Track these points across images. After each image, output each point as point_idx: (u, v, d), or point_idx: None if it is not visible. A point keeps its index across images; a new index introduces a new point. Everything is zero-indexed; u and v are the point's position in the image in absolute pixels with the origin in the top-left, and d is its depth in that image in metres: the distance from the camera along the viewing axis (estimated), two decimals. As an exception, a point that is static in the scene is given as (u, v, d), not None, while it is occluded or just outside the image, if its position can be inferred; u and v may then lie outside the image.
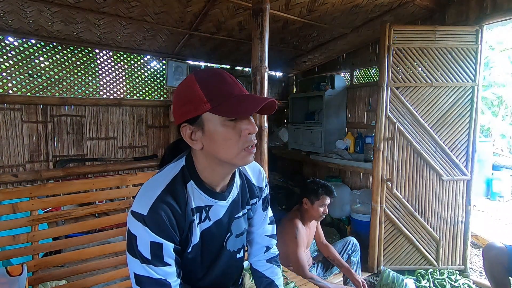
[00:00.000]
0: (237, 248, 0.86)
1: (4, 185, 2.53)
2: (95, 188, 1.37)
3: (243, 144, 0.68)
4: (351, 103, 3.61)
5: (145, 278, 0.67)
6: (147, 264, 0.67)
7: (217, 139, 0.67)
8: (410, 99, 2.34)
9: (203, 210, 0.76)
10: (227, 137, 0.67)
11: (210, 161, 0.72)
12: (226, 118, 0.66)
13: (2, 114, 2.54)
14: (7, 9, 2.09)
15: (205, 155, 0.72)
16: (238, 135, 0.68)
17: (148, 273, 0.67)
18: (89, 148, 3.01)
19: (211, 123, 0.67)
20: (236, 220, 0.83)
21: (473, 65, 2.31)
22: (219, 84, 0.68)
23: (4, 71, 2.53)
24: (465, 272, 2.42)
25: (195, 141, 0.70)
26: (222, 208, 0.80)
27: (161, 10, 2.30)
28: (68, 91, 2.86)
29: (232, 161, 0.70)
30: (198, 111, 0.67)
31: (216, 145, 0.68)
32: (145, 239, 0.66)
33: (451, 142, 2.37)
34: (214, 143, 0.68)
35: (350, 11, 2.51)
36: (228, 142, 0.67)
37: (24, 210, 1.18)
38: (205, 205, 0.76)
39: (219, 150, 0.68)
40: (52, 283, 1.65)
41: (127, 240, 0.69)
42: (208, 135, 0.68)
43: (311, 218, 1.95)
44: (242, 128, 0.68)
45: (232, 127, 0.67)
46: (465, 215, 2.41)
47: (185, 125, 0.70)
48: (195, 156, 0.75)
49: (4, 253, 1.19)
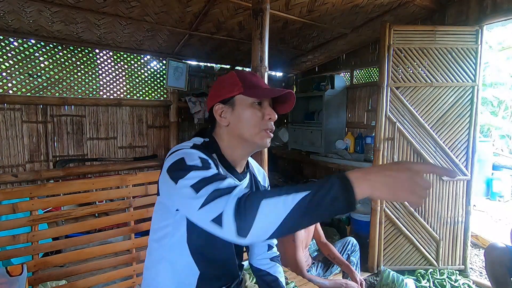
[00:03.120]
0: None
1: (4, 185, 2.53)
2: (95, 188, 1.37)
3: (264, 125, 0.80)
4: (351, 103, 3.61)
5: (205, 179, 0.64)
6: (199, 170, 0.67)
7: (244, 117, 0.80)
8: (410, 99, 2.34)
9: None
10: (252, 116, 0.79)
11: (232, 139, 0.82)
12: (254, 101, 0.80)
13: (2, 114, 2.54)
14: (7, 9, 2.09)
15: (229, 133, 0.82)
16: (261, 117, 0.80)
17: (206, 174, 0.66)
18: (89, 148, 3.01)
19: (242, 104, 0.80)
20: None
21: (473, 65, 2.31)
22: (252, 77, 0.84)
23: (4, 71, 2.53)
24: (465, 272, 2.42)
25: (224, 118, 0.82)
26: None
27: (161, 10, 2.30)
28: (68, 91, 2.86)
29: (253, 139, 0.80)
30: (233, 93, 0.81)
31: (242, 123, 0.80)
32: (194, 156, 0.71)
33: (451, 142, 2.37)
34: (240, 121, 0.80)
35: (350, 11, 2.51)
36: (253, 121, 0.79)
37: (24, 210, 1.18)
38: None
39: (243, 127, 0.80)
40: (52, 283, 1.65)
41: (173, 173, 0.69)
42: (236, 114, 0.80)
43: None
44: (265, 112, 0.81)
45: (258, 109, 0.80)
46: (465, 215, 2.41)
47: (218, 104, 0.82)
48: (219, 135, 0.84)
49: (4, 253, 1.19)
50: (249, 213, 0.56)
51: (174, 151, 0.75)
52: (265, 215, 0.56)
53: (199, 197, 0.61)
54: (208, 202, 0.60)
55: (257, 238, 0.57)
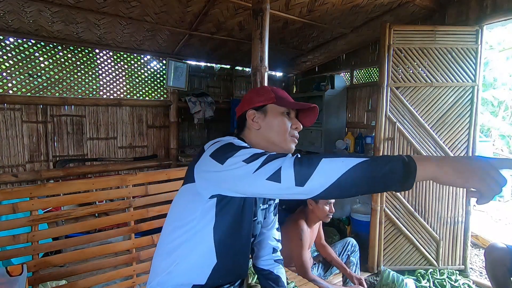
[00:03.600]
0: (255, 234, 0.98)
1: (4, 185, 2.53)
2: (95, 188, 1.37)
3: (291, 133, 0.91)
4: (351, 103, 3.61)
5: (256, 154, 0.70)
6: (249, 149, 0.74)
7: (275, 124, 0.90)
8: (410, 99, 2.34)
9: None
10: (282, 124, 0.90)
11: (260, 142, 0.91)
12: (284, 110, 0.91)
13: (2, 114, 2.54)
14: (7, 9, 2.09)
15: (258, 137, 0.92)
16: (289, 124, 0.91)
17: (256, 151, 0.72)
18: (89, 148, 3.01)
19: (273, 112, 0.91)
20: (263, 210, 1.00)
21: (473, 65, 2.31)
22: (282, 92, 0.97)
23: (4, 71, 2.53)
24: (465, 272, 2.42)
25: (256, 123, 0.91)
26: None
27: (161, 10, 2.30)
28: (68, 91, 2.86)
29: (280, 144, 0.90)
30: (267, 101, 0.92)
31: (272, 129, 0.90)
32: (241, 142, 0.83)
33: (451, 142, 2.37)
34: (271, 127, 0.90)
35: (350, 11, 2.51)
36: (282, 128, 0.90)
37: (24, 210, 1.18)
38: None
39: (273, 133, 0.90)
40: (52, 283, 1.65)
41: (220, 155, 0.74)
42: (268, 120, 0.91)
43: (317, 218, 1.92)
44: (293, 122, 0.92)
45: (287, 118, 0.91)
46: (465, 215, 2.41)
47: (251, 110, 0.92)
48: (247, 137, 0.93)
49: (4, 253, 1.19)
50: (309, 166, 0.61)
51: (216, 141, 0.81)
52: (323, 170, 0.60)
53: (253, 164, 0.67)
54: (263, 164, 0.66)
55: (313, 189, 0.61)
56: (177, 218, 0.86)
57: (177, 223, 0.85)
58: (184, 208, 0.85)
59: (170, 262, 0.84)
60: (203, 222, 0.81)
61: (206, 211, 0.81)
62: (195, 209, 0.82)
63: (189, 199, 0.84)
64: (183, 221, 0.84)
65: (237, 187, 0.72)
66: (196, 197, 0.81)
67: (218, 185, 0.76)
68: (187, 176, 0.85)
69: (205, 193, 0.79)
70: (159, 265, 0.88)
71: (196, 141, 3.78)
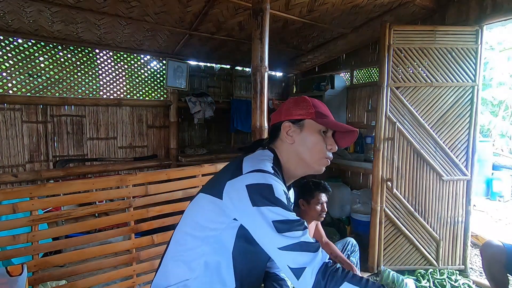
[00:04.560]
0: None
1: (4, 185, 2.53)
2: (95, 188, 1.37)
3: (325, 153, 0.87)
4: (351, 103, 3.61)
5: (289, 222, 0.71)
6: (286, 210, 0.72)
7: (309, 141, 0.87)
8: (410, 99, 2.34)
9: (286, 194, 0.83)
10: (318, 142, 0.86)
11: (292, 157, 0.88)
12: (322, 128, 0.87)
13: (2, 114, 2.54)
14: (7, 9, 2.09)
15: (290, 151, 0.88)
16: (324, 145, 0.87)
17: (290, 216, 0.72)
18: (89, 148, 3.01)
19: (310, 128, 0.87)
20: None
21: (473, 65, 2.31)
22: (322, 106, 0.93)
23: (4, 71, 2.53)
24: (465, 272, 2.41)
25: (290, 136, 0.88)
26: None
27: (161, 10, 2.30)
28: (68, 91, 2.86)
29: (312, 163, 0.87)
30: (306, 116, 0.88)
31: (306, 146, 0.87)
32: (280, 188, 0.75)
33: (451, 142, 2.37)
34: (305, 144, 0.87)
35: (350, 11, 2.51)
36: (316, 147, 0.86)
37: (24, 210, 1.18)
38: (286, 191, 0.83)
39: (306, 151, 0.87)
40: (52, 283, 1.65)
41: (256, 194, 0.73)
42: (303, 136, 0.87)
43: (311, 218, 1.93)
44: (328, 142, 0.88)
45: (323, 138, 0.87)
46: (465, 215, 2.41)
47: (288, 123, 0.89)
48: (279, 149, 0.90)
49: (5, 253, 1.19)
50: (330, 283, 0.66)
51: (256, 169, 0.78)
52: None
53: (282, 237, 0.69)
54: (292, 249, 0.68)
55: None
56: (198, 227, 0.83)
57: (198, 233, 0.83)
58: (206, 219, 0.82)
59: (188, 273, 0.82)
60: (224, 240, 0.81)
61: (229, 229, 0.80)
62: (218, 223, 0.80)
63: (213, 211, 0.81)
64: (204, 232, 0.82)
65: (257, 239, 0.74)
66: (221, 213, 0.79)
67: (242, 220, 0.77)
68: (213, 187, 0.82)
69: (231, 214, 0.78)
70: (173, 271, 0.84)
71: (196, 141, 3.78)
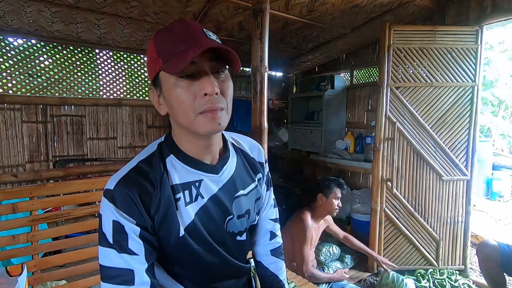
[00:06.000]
0: (238, 230, 0.76)
1: (4, 185, 2.53)
2: (95, 188, 1.37)
3: (198, 107, 0.59)
4: (351, 103, 3.61)
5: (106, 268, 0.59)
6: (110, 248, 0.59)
7: (173, 101, 0.60)
8: (410, 99, 2.34)
9: (192, 186, 0.67)
10: (180, 98, 0.59)
11: (179, 130, 0.66)
12: (178, 76, 0.58)
13: (2, 114, 2.54)
14: (7, 9, 2.09)
15: (175, 124, 0.67)
16: (192, 96, 0.59)
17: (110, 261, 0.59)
18: (89, 148, 3.01)
19: (166, 84, 0.61)
20: (236, 199, 0.75)
21: (473, 65, 2.31)
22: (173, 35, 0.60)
23: (4, 71, 2.53)
24: (465, 272, 2.42)
25: (161, 106, 0.65)
26: (216, 183, 0.70)
27: (161, 10, 2.30)
28: (68, 91, 2.86)
29: (191, 128, 0.62)
30: (154, 70, 0.61)
31: (174, 109, 0.62)
32: (109, 218, 0.59)
33: (451, 142, 2.37)
34: (171, 106, 0.62)
35: (350, 11, 2.51)
36: (182, 105, 0.60)
37: (24, 210, 1.18)
38: (193, 180, 0.67)
39: (178, 116, 0.62)
40: (52, 283, 1.65)
41: None
42: (166, 98, 0.62)
43: (326, 213, 2.06)
44: (196, 88, 0.59)
45: (186, 87, 0.59)
46: (465, 215, 2.41)
47: (151, 88, 0.66)
48: (173, 128, 0.69)
49: (4, 253, 1.19)
50: None
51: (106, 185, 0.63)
52: None
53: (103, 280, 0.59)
54: None
55: None
56: None
57: None
58: None
59: None
60: None
61: None
62: None
63: None
64: None
65: None
66: None
67: None
68: None
69: None
70: None
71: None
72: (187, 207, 0.66)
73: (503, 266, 1.80)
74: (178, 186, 0.66)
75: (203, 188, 0.69)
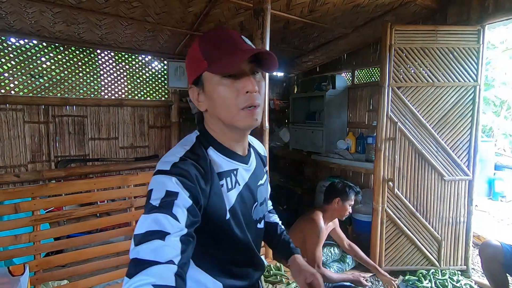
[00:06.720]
0: (259, 217, 0.84)
1: (6, 185, 2.54)
2: (97, 188, 1.37)
3: (241, 103, 0.66)
4: (353, 103, 3.60)
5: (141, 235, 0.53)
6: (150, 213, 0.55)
7: (216, 99, 0.67)
8: (411, 99, 2.34)
9: (231, 174, 0.74)
10: (224, 95, 0.66)
11: (218, 124, 0.72)
12: (222, 76, 0.65)
13: (4, 114, 2.55)
14: (9, 9, 2.10)
15: (213, 119, 0.72)
16: (235, 94, 0.66)
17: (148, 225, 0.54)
18: (90, 148, 3.02)
19: (210, 83, 0.67)
20: (259, 187, 0.83)
21: (475, 64, 2.30)
22: (218, 41, 0.67)
23: (6, 72, 2.54)
24: (467, 272, 2.41)
25: (201, 103, 0.72)
26: (247, 172, 0.78)
27: (162, 10, 2.30)
28: (69, 92, 2.87)
29: (233, 123, 0.68)
30: (198, 71, 0.68)
31: (216, 106, 0.68)
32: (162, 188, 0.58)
33: (453, 142, 2.36)
34: (214, 103, 0.68)
35: (351, 11, 2.51)
36: (226, 101, 0.66)
37: (26, 210, 1.19)
38: (231, 168, 0.74)
39: (219, 111, 0.69)
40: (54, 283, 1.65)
41: None
42: (208, 96, 0.69)
43: (337, 216, 2.09)
44: (239, 86, 0.66)
45: (229, 85, 0.66)
46: (467, 215, 2.40)
47: (191, 87, 0.72)
48: (207, 123, 0.75)
49: (7, 253, 1.19)
50: None
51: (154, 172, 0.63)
52: None
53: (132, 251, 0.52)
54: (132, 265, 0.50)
55: None
56: None
57: None
58: None
59: None
60: None
61: None
62: None
63: None
64: None
65: None
66: None
67: None
68: None
69: None
70: None
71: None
72: (229, 193, 0.72)
73: (506, 267, 1.80)
74: (221, 174, 0.72)
75: (239, 176, 0.76)
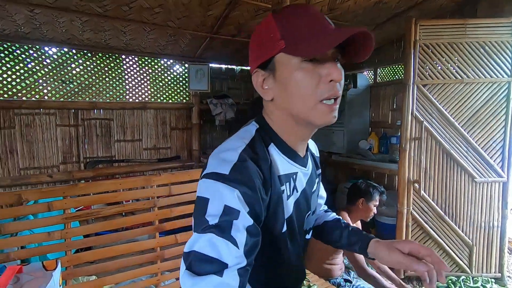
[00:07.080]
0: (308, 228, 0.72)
1: (41, 185, 2.70)
2: (122, 188, 1.42)
3: (321, 93, 0.53)
4: (375, 102, 3.50)
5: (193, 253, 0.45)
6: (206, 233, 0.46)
7: (290, 85, 0.54)
8: (438, 97, 2.23)
9: (291, 178, 0.62)
10: (302, 82, 0.53)
11: (285, 117, 0.59)
12: (302, 58, 0.53)
13: (38, 118, 2.72)
14: (42, 20, 2.23)
15: (279, 110, 0.60)
16: (316, 81, 0.53)
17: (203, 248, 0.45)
18: (116, 150, 3.15)
19: (285, 66, 0.55)
20: (313, 194, 0.72)
21: (509, 59, 2.16)
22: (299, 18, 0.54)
23: (40, 78, 2.71)
24: (502, 280, 2.26)
25: (267, 90, 0.59)
26: (305, 177, 0.67)
27: (183, 14, 2.36)
28: (97, 96, 3.01)
29: (308, 118, 0.56)
30: (271, 52, 0.56)
31: (288, 94, 0.55)
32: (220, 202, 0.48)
33: (485, 141, 2.23)
34: (286, 91, 0.56)
35: (373, 7, 2.44)
36: (302, 90, 0.53)
37: (58, 208, 1.25)
38: (291, 172, 0.62)
39: (291, 101, 0.56)
40: (83, 278, 1.73)
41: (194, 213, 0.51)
42: (280, 82, 0.56)
43: (361, 217, 2.04)
44: (322, 72, 0.53)
45: (310, 70, 0.53)
46: (501, 219, 2.25)
47: (256, 71, 0.60)
48: (269, 115, 0.63)
49: (41, 249, 1.27)
50: None
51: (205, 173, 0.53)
52: None
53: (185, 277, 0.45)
54: None
55: None
56: None
57: None
58: None
59: None
60: None
61: None
62: None
63: None
64: None
65: None
66: None
67: None
68: None
69: None
70: None
71: (218, 143, 3.81)
72: (288, 201, 0.61)
73: None
74: (282, 177, 0.60)
75: (298, 181, 0.64)
